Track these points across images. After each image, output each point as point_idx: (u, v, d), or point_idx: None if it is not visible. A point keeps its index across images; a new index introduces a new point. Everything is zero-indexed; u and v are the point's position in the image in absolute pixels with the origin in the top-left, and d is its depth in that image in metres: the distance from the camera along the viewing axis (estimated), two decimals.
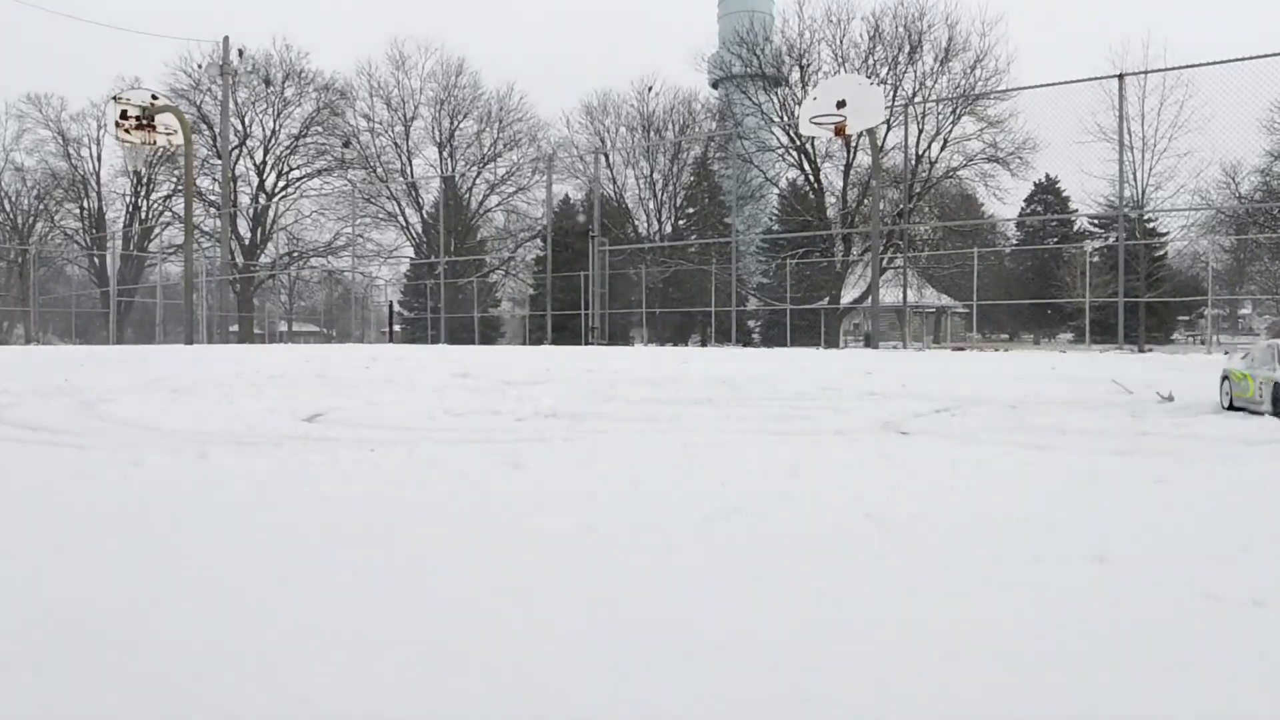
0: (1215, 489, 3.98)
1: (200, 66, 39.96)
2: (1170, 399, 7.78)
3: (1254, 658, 2.00)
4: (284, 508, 3.75)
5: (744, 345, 27.66)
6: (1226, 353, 11.32)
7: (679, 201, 37.90)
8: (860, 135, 26.62)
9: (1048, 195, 34.97)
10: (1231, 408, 7.12)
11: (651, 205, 38.10)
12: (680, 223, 37.63)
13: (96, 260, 43.62)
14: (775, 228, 34.82)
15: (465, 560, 2.88)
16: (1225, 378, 7.36)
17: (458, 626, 2.22)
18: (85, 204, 43.56)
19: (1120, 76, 21.58)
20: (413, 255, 40.31)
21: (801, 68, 33.74)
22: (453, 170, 40.75)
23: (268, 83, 40.77)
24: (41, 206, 43.40)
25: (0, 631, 2.22)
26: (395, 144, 41.71)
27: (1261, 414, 6.51)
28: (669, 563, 2.81)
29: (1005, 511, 3.53)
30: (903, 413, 7.03)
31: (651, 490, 4.03)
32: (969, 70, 31.89)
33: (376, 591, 2.53)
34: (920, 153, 31.19)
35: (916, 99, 31.12)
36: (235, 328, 38.46)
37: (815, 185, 33.84)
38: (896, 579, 2.63)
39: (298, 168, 42.55)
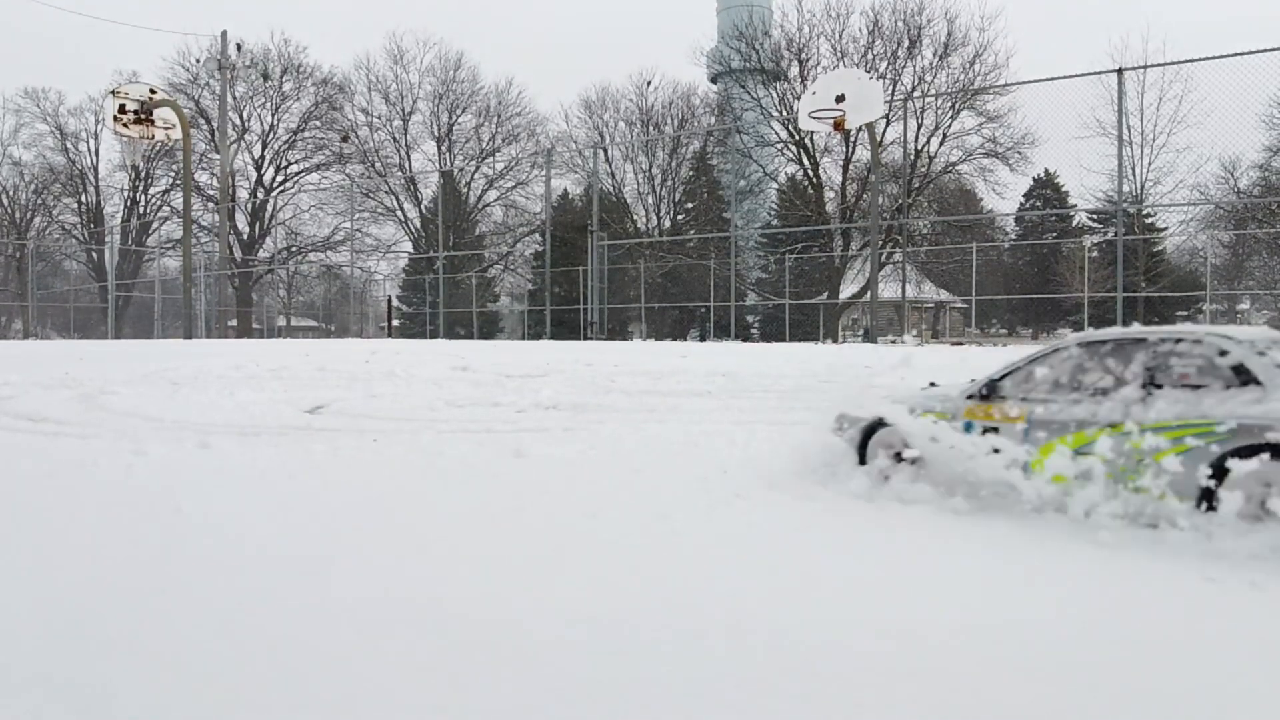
0: None
1: (198, 61, 39.82)
2: None
3: (1255, 634, 2.03)
4: (288, 494, 3.77)
5: (743, 340, 27.67)
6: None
7: (678, 196, 37.84)
8: (859, 130, 26.61)
9: (1046, 190, 34.96)
10: None
11: (650, 200, 38.06)
12: (679, 218, 37.58)
13: (95, 255, 43.51)
14: (774, 223, 34.78)
15: (470, 546, 2.89)
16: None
17: (462, 612, 2.24)
18: (83, 199, 43.42)
19: (1119, 71, 21.58)
20: (411, 250, 40.26)
21: (800, 62, 33.70)
22: (451, 165, 40.72)
23: (266, 77, 40.63)
24: (39, 201, 43.24)
25: (14, 613, 2.23)
26: (394, 138, 41.59)
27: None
28: (675, 547, 2.83)
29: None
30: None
31: (654, 478, 4.05)
32: (968, 65, 31.84)
33: (380, 576, 2.55)
34: (919, 147, 31.16)
35: (915, 94, 31.10)
36: (234, 322, 38.37)
37: (814, 180, 33.80)
38: (906, 563, 2.65)
39: (296, 162, 42.42)
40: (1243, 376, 2.85)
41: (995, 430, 3.31)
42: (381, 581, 2.46)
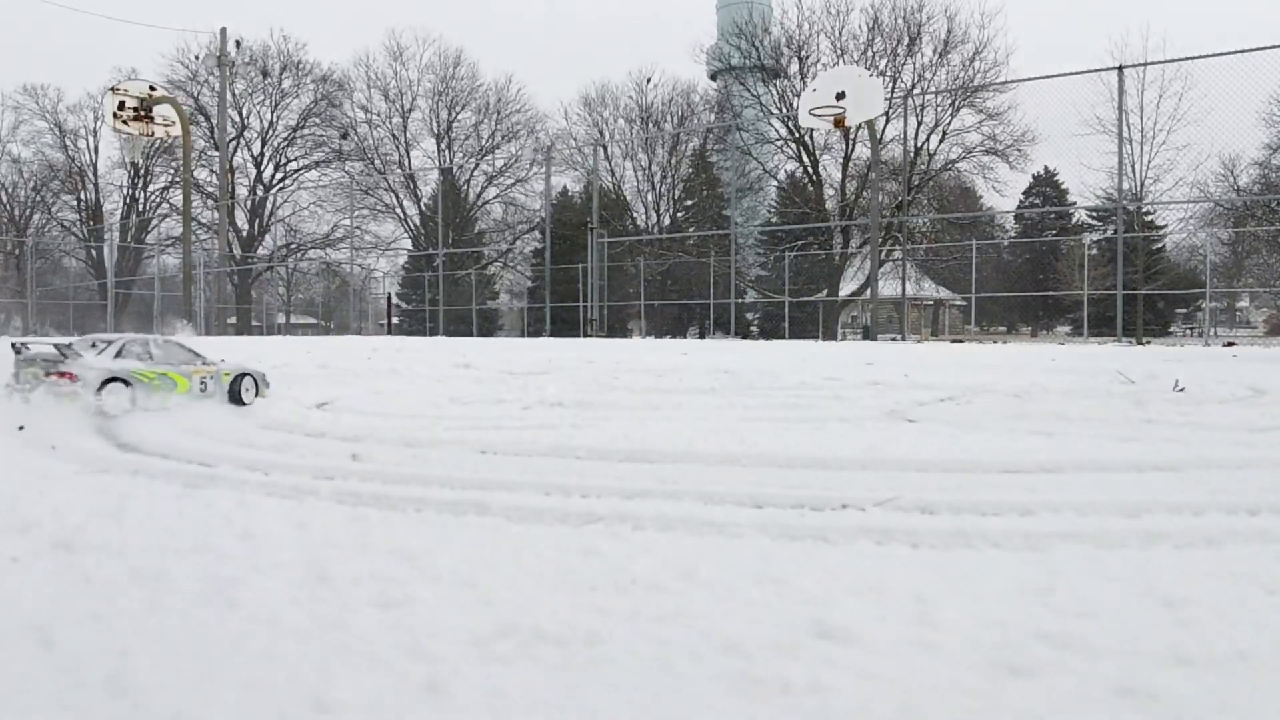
0: (1228, 468, 4.01)
1: (197, 58, 39.75)
2: (1182, 389, 7.79)
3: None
4: (295, 490, 3.77)
5: (742, 338, 27.68)
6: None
7: (677, 194, 37.84)
8: (859, 127, 26.59)
9: (1046, 188, 34.98)
10: None
11: (650, 197, 38.05)
12: (679, 215, 37.57)
13: (94, 252, 43.48)
14: (773, 220, 34.78)
15: (482, 537, 2.90)
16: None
17: (477, 589, 2.25)
18: (82, 196, 43.37)
19: (1119, 69, 21.58)
20: (410, 247, 40.25)
21: (800, 60, 33.66)
22: (450, 162, 40.69)
23: (265, 74, 40.57)
24: (38, 198, 43.18)
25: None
26: (393, 135, 41.58)
27: None
28: (700, 546, 2.83)
29: (1028, 495, 3.56)
30: (907, 401, 7.05)
31: (668, 473, 4.05)
32: (968, 62, 31.82)
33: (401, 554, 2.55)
34: (919, 145, 31.17)
35: (915, 91, 31.09)
36: (233, 320, 38.33)
37: (814, 177, 33.80)
38: (928, 566, 2.66)
39: (295, 159, 42.41)
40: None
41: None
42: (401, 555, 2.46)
